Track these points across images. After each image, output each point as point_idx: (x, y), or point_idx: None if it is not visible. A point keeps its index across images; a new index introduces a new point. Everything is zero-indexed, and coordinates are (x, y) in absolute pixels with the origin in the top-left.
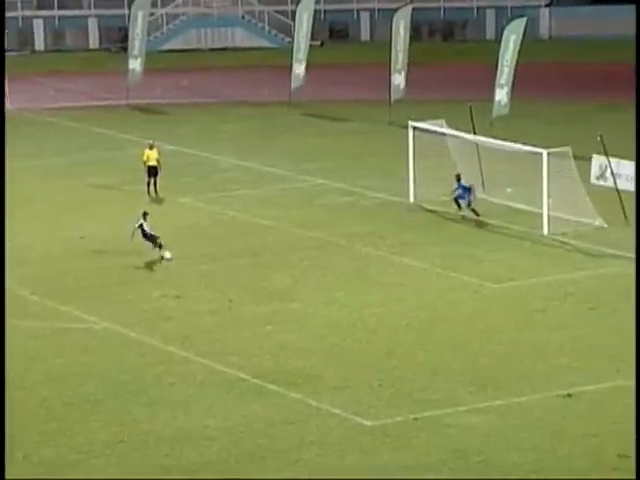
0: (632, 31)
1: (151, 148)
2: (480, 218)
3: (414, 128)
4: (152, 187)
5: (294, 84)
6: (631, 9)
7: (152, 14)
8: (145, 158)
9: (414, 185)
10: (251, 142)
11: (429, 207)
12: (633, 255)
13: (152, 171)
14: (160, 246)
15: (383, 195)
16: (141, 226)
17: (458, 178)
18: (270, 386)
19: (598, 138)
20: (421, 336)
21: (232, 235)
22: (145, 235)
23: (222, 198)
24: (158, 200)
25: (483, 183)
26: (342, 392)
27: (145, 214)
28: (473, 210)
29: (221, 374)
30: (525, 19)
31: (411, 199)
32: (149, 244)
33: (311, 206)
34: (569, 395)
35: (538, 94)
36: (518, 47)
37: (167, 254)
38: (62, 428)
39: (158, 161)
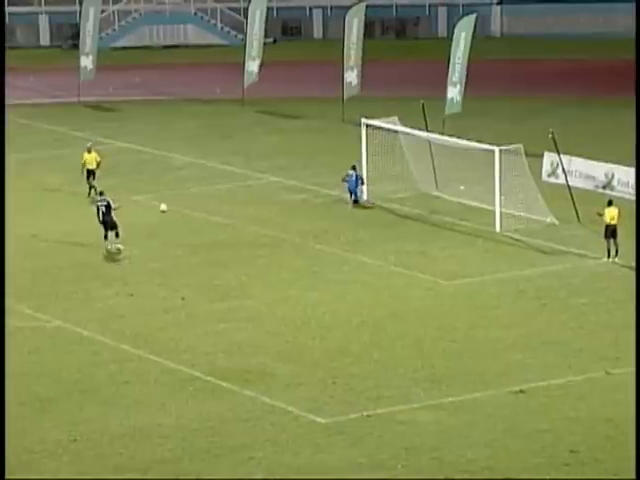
0: (582, 29)
1: (89, 152)
2: (357, 205)
3: (367, 126)
4: (92, 190)
5: (247, 81)
6: (581, 7)
7: (104, 11)
8: (83, 161)
9: (368, 182)
10: (205, 140)
11: (383, 204)
12: (585, 252)
13: (91, 174)
14: (117, 235)
15: (336, 192)
16: (108, 205)
17: (354, 167)
18: (223, 384)
19: (549, 135)
20: (375, 333)
21: (186, 233)
22: (105, 220)
23: (176, 196)
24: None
25: (436, 180)
26: (296, 389)
27: (102, 193)
28: (355, 201)
29: (174, 372)
30: (474, 16)
31: (365, 196)
32: (111, 232)
33: (265, 203)
34: (522, 391)
35: (490, 92)
36: (469, 44)
37: (120, 246)
38: (15, 428)
39: (98, 164)
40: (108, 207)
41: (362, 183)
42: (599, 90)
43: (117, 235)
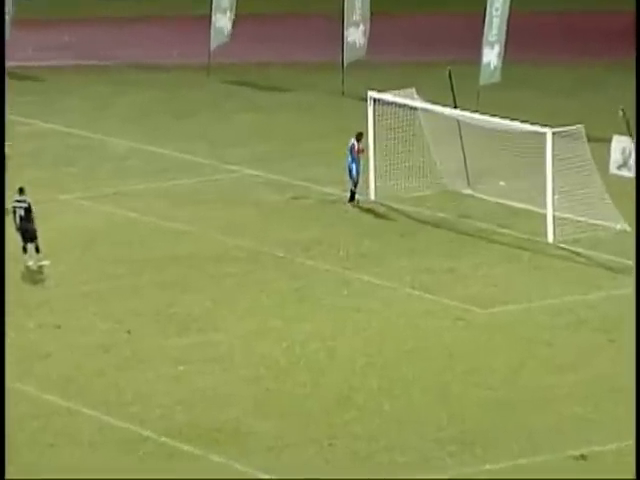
0: None
1: None
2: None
3: (375, 100)
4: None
5: (215, 42)
6: None
7: None
8: None
9: (375, 177)
10: (157, 120)
11: (395, 206)
12: None
13: None
14: (37, 249)
15: (333, 190)
16: (28, 208)
17: (359, 138)
18: (184, 447)
19: (620, 113)
20: (385, 378)
21: (132, 244)
22: (24, 227)
23: (118, 195)
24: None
25: (467, 174)
26: (280, 454)
27: (22, 190)
28: (352, 192)
29: (117, 431)
30: None
31: (372, 195)
32: (31, 244)
33: (238, 205)
34: (583, 457)
35: (539, 55)
36: None
37: (45, 262)
38: None
39: (7, 157)
40: (28, 211)
41: (354, 161)
42: None
43: (37, 249)
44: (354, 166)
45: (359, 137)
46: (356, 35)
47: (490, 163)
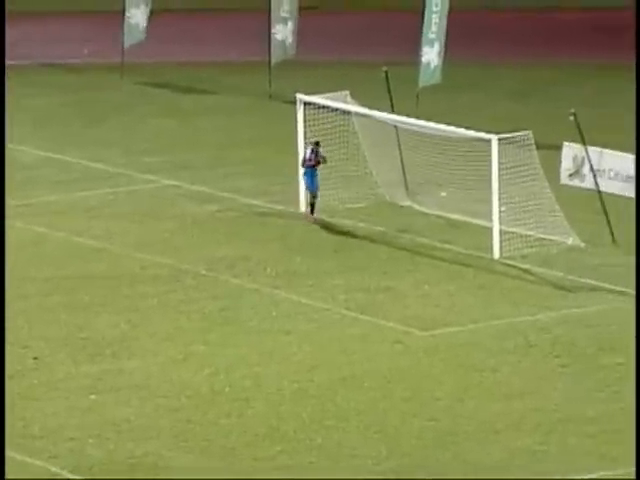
0: None
1: None
2: (314, 218)
3: (305, 104)
4: None
5: (129, 40)
6: None
7: None
8: None
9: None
10: (67, 125)
11: (328, 219)
12: (624, 287)
13: None
14: None
15: (261, 202)
16: None
17: (316, 144)
18: None
19: (571, 118)
20: (317, 408)
21: (41, 262)
22: None
23: (23, 207)
24: None
25: (406, 184)
26: None
27: None
28: (312, 205)
29: (23, 467)
30: None
31: (301, 207)
32: None
33: (157, 218)
34: None
35: (484, 55)
36: None
37: None
38: None
39: None
40: None
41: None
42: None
43: None
44: (310, 177)
45: (317, 146)
46: (284, 32)
47: (431, 172)
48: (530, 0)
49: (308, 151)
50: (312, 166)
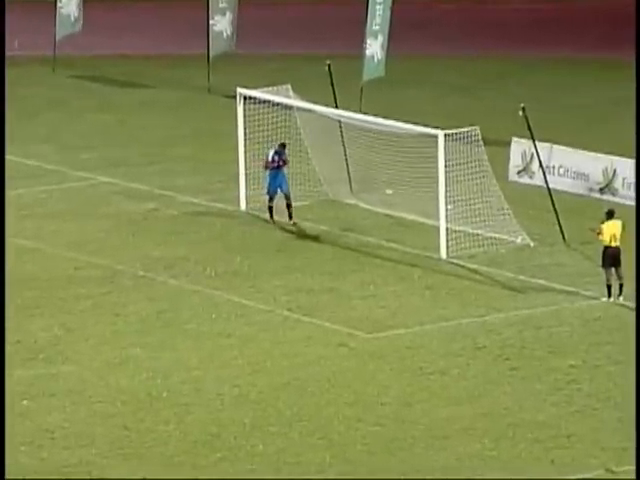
0: None
1: None
2: (292, 223)
3: (246, 98)
4: None
5: (62, 31)
6: None
7: None
8: None
9: (247, 184)
10: None
11: (270, 218)
12: (574, 288)
13: None
14: None
15: (200, 200)
16: None
17: (282, 146)
18: None
19: (520, 112)
20: (259, 413)
21: None
22: None
23: None
24: None
25: (350, 181)
26: None
27: None
28: (288, 206)
29: None
30: None
31: (242, 205)
32: None
33: (91, 217)
34: None
35: (429, 47)
36: None
37: None
38: None
39: None
40: None
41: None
42: (590, 45)
43: None
44: (274, 180)
45: (283, 147)
46: (223, 24)
47: (376, 169)
48: None
49: (271, 152)
50: (276, 167)
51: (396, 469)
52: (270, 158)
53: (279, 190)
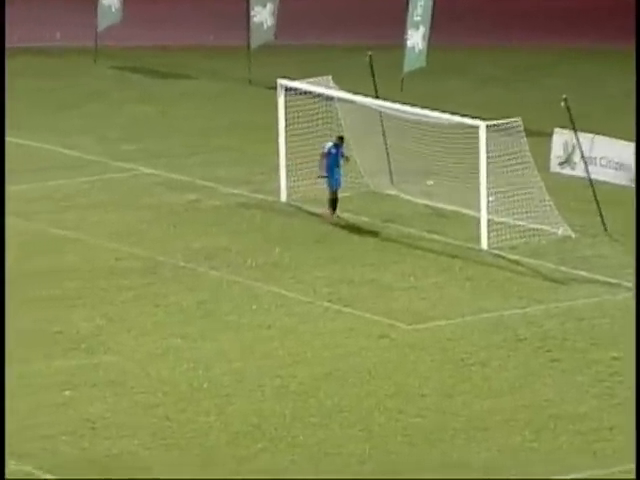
0: None
1: None
2: (336, 215)
3: (286, 89)
4: None
5: (103, 22)
6: None
7: None
8: None
9: (287, 176)
10: (39, 111)
11: (310, 208)
12: (616, 279)
13: None
14: None
15: (241, 191)
16: None
17: (340, 139)
18: None
19: (562, 103)
20: (300, 405)
21: (11, 253)
22: None
23: None
24: None
25: (391, 172)
26: None
27: None
28: (334, 202)
29: None
30: None
31: (283, 197)
32: None
33: (133, 208)
34: None
35: (470, 38)
36: None
37: None
38: None
39: None
40: None
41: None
42: (618, 36)
43: None
44: (333, 173)
45: (340, 141)
46: (263, 15)
47: (417, 160)
48: None
49: (329, 145)
50: (335, 162)
51: (437, 461)
52: (327, 150)
53: (335, 184)
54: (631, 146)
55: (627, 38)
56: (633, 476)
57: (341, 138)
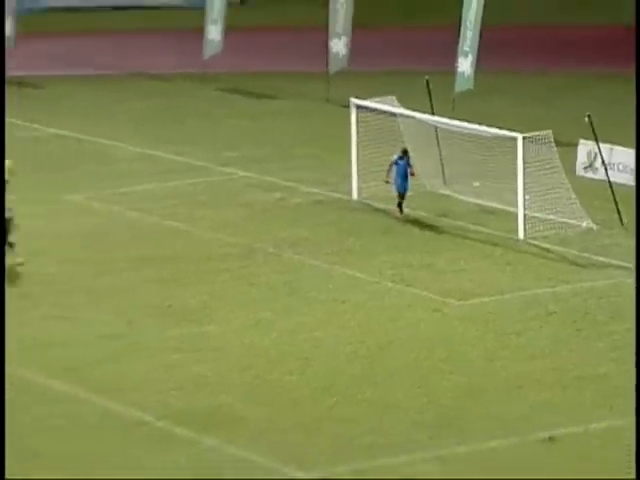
0: None
1: None
2: (402, 214)
3: (358, 107)
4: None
5: (208, 52)
6: None
7: None
8: None
9: (358, 178)
10: (156, 125)
11: (377, 205)
12: (631, 264)
13: None
14: (11, 245)
15: (320, 191)
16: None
17: (404, 152)
18: (179, 430)
19: (586, 119)
20: (368, 366)
21: (133, 241)
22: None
23: (121, 195)
24: (41, 198)
25: (444, 175)
26: (268, 437)
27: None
28: (399, 203)
29: (117, 416)
30: None
31: (354, 195)
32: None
33: (231, 205)
34: (551, 438)
35: (510, 64)
36: (482, 3)
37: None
38: None
39: (10, 172)
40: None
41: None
42: None
43: (11, 246)
44: (399, 181)
45: (404, 154)
46: (339, 46)
47: (465, 166)
48: (551, 16)
49: (395, 157)
50: (401, 172)
51: (480, 413)
52: (394, 160)
53: (401, 189)
54: None
55: None
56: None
57: (405, 151)
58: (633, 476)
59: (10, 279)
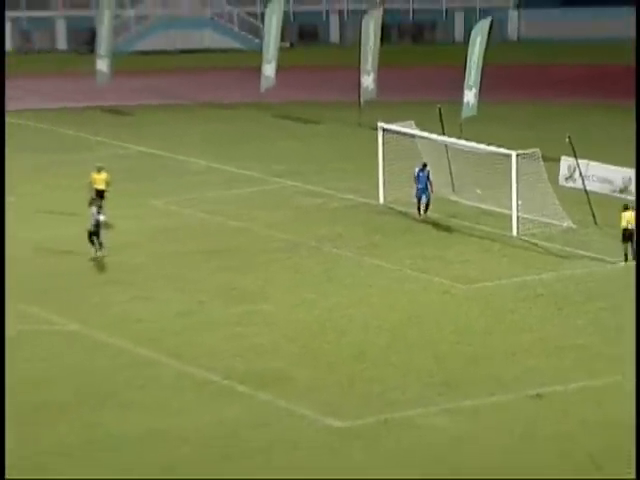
0: (599, 34)
1: (99, 172)
2: (421, 217)
3: (384, 130)
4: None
5: (264, 86)
6: (598, 11)
7: (118, 15)
8: (92, 181)
9: (384, 187)
10: (222, 144)
11: (399, 208)
12: (602, 255)
13: (99, 194)
14: (100, 245)
15: (352, 197)
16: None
17: (424, 165)
18: (240, 387)
19: (567, 140)
20: (391, 337)
21: (203, 237)
22: (96, 231)
23: (194, 200)
24: (130, 203)
25: (453, 184)
26: (312, 393)
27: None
28: (419, 209)
29: (191, 376)
30: (489, 19)
31: (381, 201)
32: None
33: (281, 208)
34: (539, 395)
35: (507, 96)
36: (484, 47)
37: (104, 251)
38: (30, 432)
39: (107, 183)
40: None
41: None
42: (618, 95)
43: (101, 246)
44: (420, 191)
45: (424, 166)
46: (369, 81)
47: (470, 177)
48: (533, 57)
49: (417, 169)
50: (422, 182)
51: (481, 375)
52: (416, 174)
53: (423, 197)
54: (613, 168)
55: (629, 96)
56: (615, 386)
57: (425, 164)
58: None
59: (98, 269)
